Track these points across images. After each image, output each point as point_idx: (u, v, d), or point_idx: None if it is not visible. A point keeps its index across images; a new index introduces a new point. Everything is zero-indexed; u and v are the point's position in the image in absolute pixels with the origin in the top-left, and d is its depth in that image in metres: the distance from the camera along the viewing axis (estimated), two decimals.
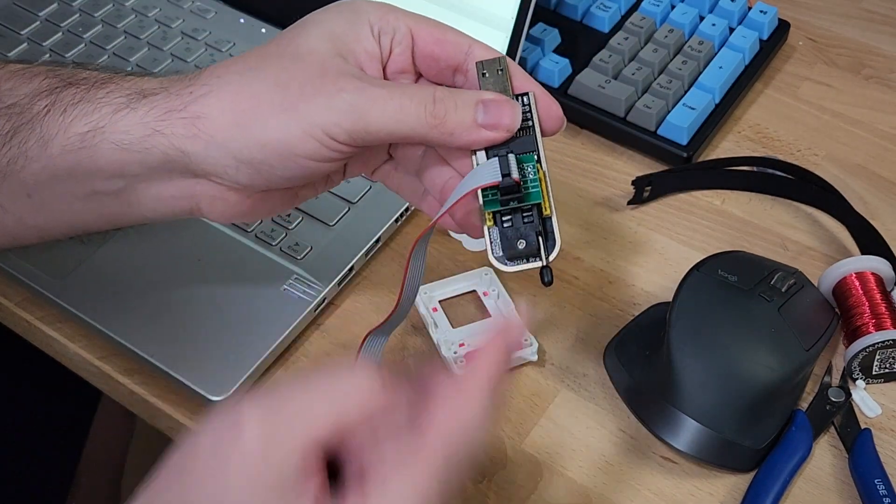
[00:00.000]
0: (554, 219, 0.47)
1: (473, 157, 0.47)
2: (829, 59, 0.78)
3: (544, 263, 0.46)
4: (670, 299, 0.58)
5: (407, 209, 0.65)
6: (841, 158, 0.71)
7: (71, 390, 0.84)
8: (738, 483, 0.55)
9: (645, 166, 0.71)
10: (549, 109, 0.48)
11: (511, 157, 0.45)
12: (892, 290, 0.60)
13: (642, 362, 0.58)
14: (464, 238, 0.65)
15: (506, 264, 0.47)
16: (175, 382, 0.57)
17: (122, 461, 1.03)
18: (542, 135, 0.48)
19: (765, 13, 0.76)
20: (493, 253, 0.47)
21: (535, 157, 0.47)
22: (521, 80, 0.48)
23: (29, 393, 0.87)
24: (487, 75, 0.47)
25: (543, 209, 0.46)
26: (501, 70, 0.47)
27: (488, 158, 0.46)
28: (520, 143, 0.47)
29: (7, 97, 0.49)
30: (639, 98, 0.71)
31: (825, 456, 0.56)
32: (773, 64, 0.77)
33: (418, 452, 0.38)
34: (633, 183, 0.67)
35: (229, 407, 0.37)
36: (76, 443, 0.92)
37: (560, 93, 0.72)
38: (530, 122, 0.47)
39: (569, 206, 0.68)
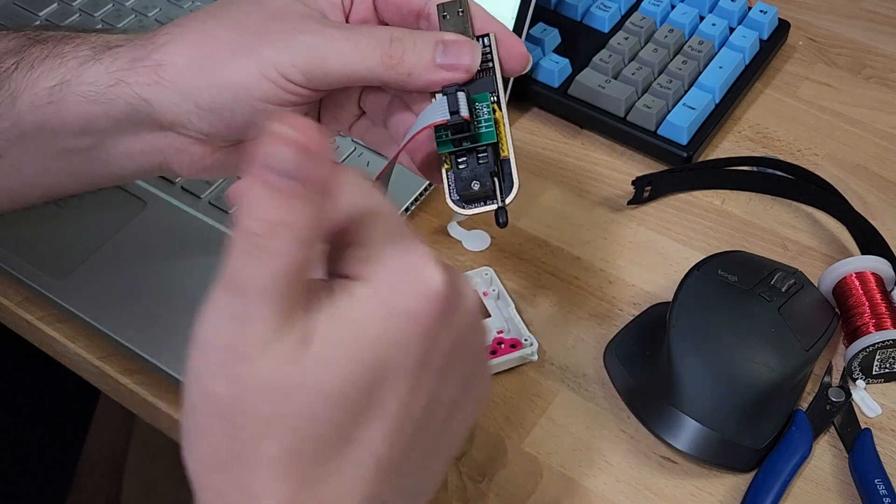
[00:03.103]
0: (512, 160, 0.45)
1: (433, 99, 0.46)
2: (829, 59, 0.78)
3: (499, 204, 0.45)
4: (670, 299, 0.58)
5: (407, 209, 0.65)
6: (841, 158, 0.71)
7: (70, 390, 0.84)
8: (738, 483, 0.55)
9: (645, 166, 0.71)
10: (511, 48, 0.47)
11: (461, 94, 0.44)
12: (892, 290, 0.60)
13: (642, 362, 0.58)
14: (464, 238, 0.65)
15: (463, 207, 0.46)
16: (175, 382, 0.57)
17: (122, 461, 1.03)
18: (506, 75, 0.47)
19: (765, 13, 0.76)
20: (449, 196, 0.46)
21: (493, 97, 0.46)
22: (482, 20, 0.47)
23: (28, 393, 0.87)
24: (448, 17, 0.47)
25: (501, 150, 0.45)
26: (462, 11, 0.46)
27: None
28: (478, 84, 0.46)
29: None
30: (639, 98, 0.71)
31: (825, 456, 0.56)
32: (773, 64, 0.77)
33: None
34: (633, 183, 0.67)
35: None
36: (76, 442, 0.92)
37: (560, 93, 0.72)
38: (490, 63, 0.46)
39: (569, 206, 0.68)
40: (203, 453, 0.36)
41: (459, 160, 0.46)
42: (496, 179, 0.45)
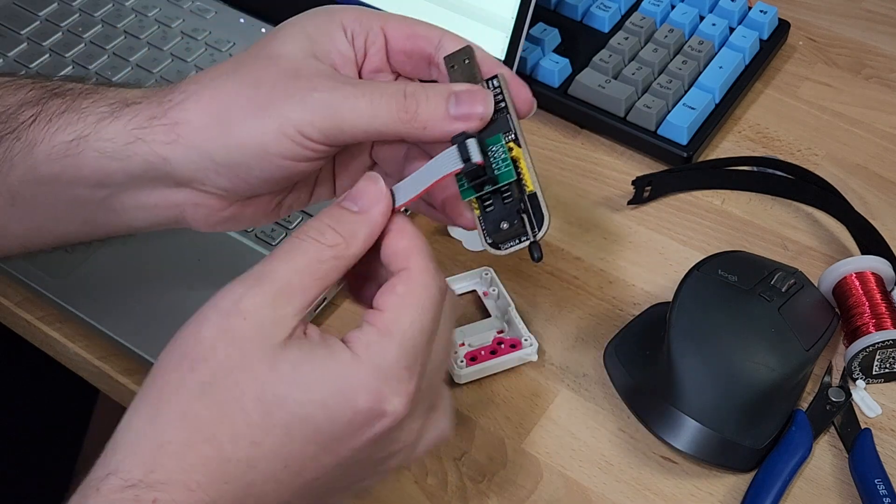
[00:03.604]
0: (539, 193, 0.45)
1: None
2: (829, 59, 0.78)
3: (532, 239, 0.45)
4: (670, 299, 0.58)
5: (407, 209, 0.65)
6: (841, 158, 0.71)
7: (70, 390, 0.84)
8: (738, 483, 0.55)
9: (645, 166, 0.71)
10: (518, 94, 0.48)
11: (470, 141, 0.45)
12: (892, 290, 0.60)
13: (642, 362, 0.58)
14: (464, 238, 0.65)
15: (499, 249, 0.46)
16: None
17: None
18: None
19: (765, 13, 0.76)
20: (483, 240, 0.46)
21: (509, 136, 0.46)
22: (489, 65, 0.48)
23: (28, 393, 0.87)
24: (456, 67, 0.47)
25: (526, 186, 0.45)
26: (468, 59, 0.47)
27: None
28: (492, 127, 0.46)
29: None
30: (639, 98, 0.71)
31: (825, 456, 0.56)
32: (773, 64, 0.77)
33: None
34: (633, 183, 0.67)
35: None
36: (74, 442, 0.92)
37: (560, 93, 0.72)
38: (503, 104, 0.46)
39: (569, 206, 0.68)
40: (152, 387, 0.41)
41: (486, 203, 0.46)
42: (524, 216, 0.45)
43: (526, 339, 0.59)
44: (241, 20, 0.77)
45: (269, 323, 0.41)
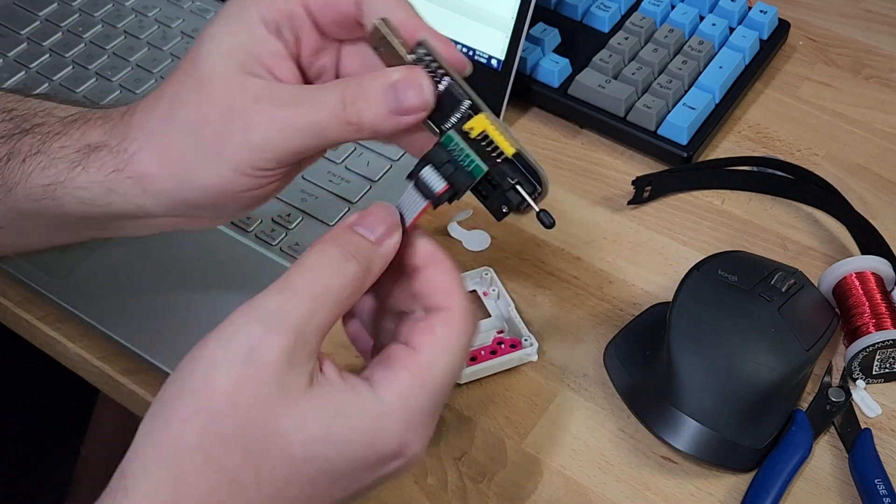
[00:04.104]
0: (523, 152, 0.43)
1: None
2: (829, 59, 0.78)
3: (536, 210, 0.44)
4: (670, 299, 0.58)
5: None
6: (841, 158, 0.71)
7: (70, 390, 0.84)
8: (738, 483, 0.55)
9: (645, 166, 0.71)
10: (447, 56, 0.45)
11: (425, 171, 0.43)
12: (892, 290, 0.60)
13: (642, 362, 0.58)
14: (464, 238, 0.65)
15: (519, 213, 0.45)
16: None
17: (121, 460, 1.03)
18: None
19: (765, 13, 0.76)
20: (498, 220, 0.45)
21: (461, 109, 0.43)
22: (410, 27, 0.45)
23: (28, 393, 0.87)
24: (381, 49, 0.45)
25: (504, 151, 0.43)
26: (387, 37, 0.44)
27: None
28: (443, 105, 0.44)
29: None
30: (639, 98, 0.71)
31: (825, 456, 0.56)
32: (773, 64, 0.77)
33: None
34: (633, 183, 0.67)
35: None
36: (75, 442, 0.92)
37: (560, 93, 0.72)
38: (440, 70, 0.44)
39: (569, 206, 0.68)
40: (168, 439, 0.39)
41: (482, 196, 0.45)
42: (517, 190, 0.44)
43: (526, 339, 0.59)
44: None
45: (289, 370, 0.39)
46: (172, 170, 0.46)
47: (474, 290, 0.63)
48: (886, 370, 0.58)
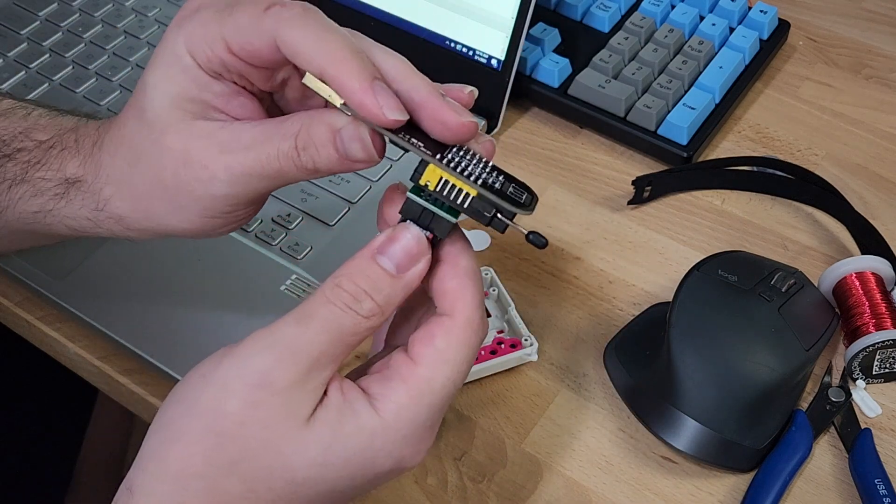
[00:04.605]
0: (482, 191, 0.42)
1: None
2: (829, 59, 0.78)
3: (524, 233, 0.43)
4: (670, 299, 0.58)
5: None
6: (841, 158, 0.71)
7: (70, 390, 0.84)
8: (738, 483, 0.55)
9: (645, 166, 0.71)
10: (364, 106, 0.41)
11: (410, 227, 0.42)
12: (892, 289, 0.60)
13: (642, 362, 0.58)
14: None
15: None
16: (175, 382, 0.57)
17: (121, 460, 1.03)
18: (445, 142, 0.43)
19: (765, 13, 0.76)
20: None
21: (418, 169, 0.42)
22: (332, 79, 0.42)
23: (28, 393, 0.87)
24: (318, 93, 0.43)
25: (469, 192, 0.42)
26: (317, 92, 0.43)
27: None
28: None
29: None
30: (639, 98, 0.71)
31: (825, 456, 0.56)
32: (773, 64, 0.77)
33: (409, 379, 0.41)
34: (633, 183, 0.67)
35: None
36: (74, 442, 0.92)
37: (560, 93, 0.72)
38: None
39: (569, 206, 0.68)
40: (177, 457, 0.39)
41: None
42: (500, 218, 0.42)
43: (526, 339, 0.59)
44: None
45: (298, 399, 0.39)
46: (145, 215, 0.48)
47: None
48: (886, 370, 0.58)
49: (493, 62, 0.70)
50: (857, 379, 0.59)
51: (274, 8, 0.42)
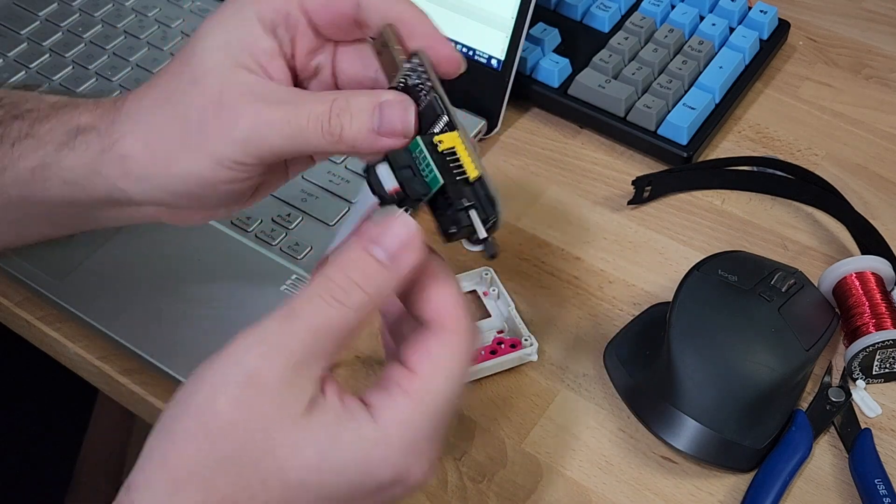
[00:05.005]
0: (487, 179, 0.42)
1: None
2: (829, 59, 0.78)
3: (480, 237, 0.42)
4: (670, 299, 0.58)
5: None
6: (841, 158, 0.71)
7: (69, 390, 0.84)
8: (738, 483, 0.55)
9: (645, 166, 0.71)
10: (439, 52, 0.46)
11: (380, 167, 0.43)
12: (892, 289, 0.60)
13: (642, 362, 0.58)
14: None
15: (471, 246, 0.44)
16: (175, 382, 0.57)
17: (121, 460, 1.03)
18: (442, 78, 0.45)
19: (765, 13, 0.76)
20: (445, 242, 0.44)
21: (439, 125, 0.43)
22: (418, 34, 0.46)
23: (27, 392, 0.87)
24: (381, 53, 0.46)
25: (468, 173, 0.42)
26: (389, 42, 0.45)
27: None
28: (422, 122, 0.44)
29: None
30: (639, 98, 0.71)
31: (825, 456, 0.56)
32: (773, 64, 0.77)
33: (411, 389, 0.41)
34: (633, 183, 0.67)
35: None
36: (74, 442, 0.92)
37: (560, 93, 0.72)
38: (428, 83, 0.44)
39: (569, 206, 0.68)
40: (172, 456, 0.39)
41: (436, 213, 0.44)
42: (470, 213, 0.42)
43: (526, 339, 0.59)
44: None
45: (289, 395, 0.39)
46: (155, 155, 0.47)
47: (474, 291, 0.63)
48: (886, 370, 0.58)
49: (493, 62, 0.70)
50: (857, 379, 0.59)
51: None
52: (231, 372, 0.39)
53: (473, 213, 0.42)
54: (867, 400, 0.58)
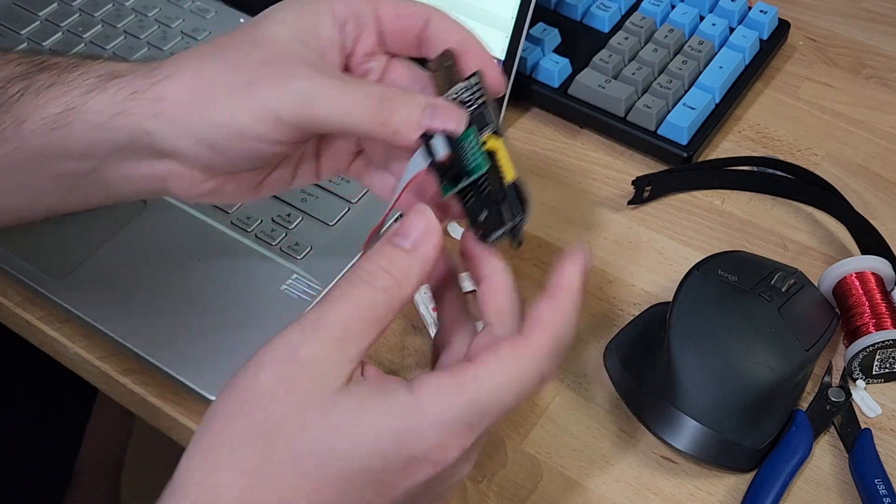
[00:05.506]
0: (519, 182, 0.46)
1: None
2: (829, 59, 0.78)
3: (510, 225, 0.46)
4: (670, 299, 0.58)
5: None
6: (841, 158, 0.71)
7: (69, 390, 0.84)
8: (738, 483, 0.55)
9: (645, 166, 0.71)
10: (490, 77, 0.49)
11: (437, 137, 0.45)
12: (892, 289, 0.60)
13: (642, 362, 0.58)
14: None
15: (486, 239, 0.46)
16: (175, 382, 0.57)
17: (120, 459, 1.03)
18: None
19: (765, 13, 0.76)
20: (472, 233, 0.47)
21: (488, 129, 0.46)
22: (475, 60, 0.49)
23: (27, 392, 0.87)
24: (438, 71, 0.48)
25: (505, 176, 0.46)
26: (449, 63, 0.48)
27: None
28: (473, 123, 0.47)
29: None
30: (639, 98, 0.71)
31: (825, 456, 0.56)
32: (773, 64, 0.77)
33: (523, 348, 0.42)
34: (633, 183, 0.67)
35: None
36: (73, 442, 0.92)
37: (560, 93, 0.72)
38: (482, 99, 0.47)
39: (569, 206, 0.68)
40: (212, 429, 0.40)
41: (466, 197, 0.46)
42: (503, 205, 0.46)
43: None
44: (241, 20, 0.77)
45: (327, 371, 0.40)
46: (194, 97, 0.47)
47: (474, 291, 0.63)
48: (886, 370, 0.58)
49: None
50: (857, 379, 0.59)
51: None
52: (273, 351, 0.41)
53: (504, 209, 0.46)
54: (867, 400, 0.58)
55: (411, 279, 0.43)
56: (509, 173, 0.46)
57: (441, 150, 0.45)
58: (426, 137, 0.46)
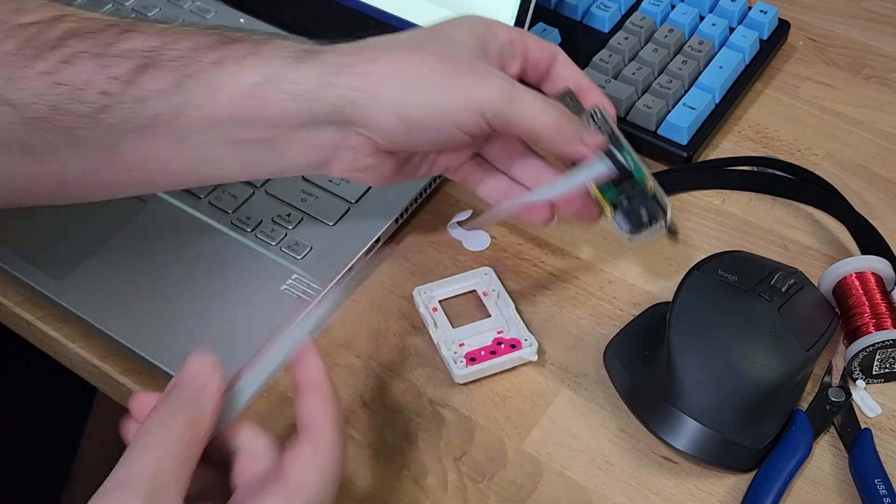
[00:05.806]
0: (656, 186, 0.56)
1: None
2: (829, 59, 0.78)
3: (667, 221, 0.55)
4: (670, 299, 0.58)
5: (406, 209, 0.65)
6: (841, 158, 0.71)
7: (68, 389, 0.84)
8: (738, 483, 0.55)
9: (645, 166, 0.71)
10: (609, 112, 0.57)
11: (613, 150, 0.55)
12: (892, 289, 0.60)
13: (642, 362, 0.58)
14: (464, 238, 0.65)
15: (634, 234, 0.55)
16: None
17: (118, 459, 1.03)
18: None
19: (765, 13, 0.76)
20: (620, 230, 0.56)
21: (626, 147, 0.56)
22: (590, 90, 0.58)
23: (27, 392, 0.87)
24: (569, 100, 0.57)
25: (647, 187, 0.56)
26: (570, 98, 0.57)
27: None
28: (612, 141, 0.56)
29: (168, 51, 0.51)
30: (639, 98, 0.71)
31: (825, 456, 0.56)
32: (773, 64, 0.77)
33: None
34: None
35: None
36: (72, 440, 0.92)
37: None
38: (607, 125, 0.57)
39: None
40: None
41: (621, 199, 0.56)
42: (656, 202, 0.56)
43: (526, 339, 0.59)
44: (242, 20, 0.77)
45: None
46: (407, 79, 0.51)
47: (474, 291, 0.63)
48: (886, 370, 0.58)
49: None
50: (857, 379, 0.59)
51: None
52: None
53: (656, 205, 0.56)
54: (867, 400, 0.58)
55: (207, 411, 0.44)
56: (649, 185, 0.56)
57: (620, 158, 0.55)
58: (607, 152, 0.55)
